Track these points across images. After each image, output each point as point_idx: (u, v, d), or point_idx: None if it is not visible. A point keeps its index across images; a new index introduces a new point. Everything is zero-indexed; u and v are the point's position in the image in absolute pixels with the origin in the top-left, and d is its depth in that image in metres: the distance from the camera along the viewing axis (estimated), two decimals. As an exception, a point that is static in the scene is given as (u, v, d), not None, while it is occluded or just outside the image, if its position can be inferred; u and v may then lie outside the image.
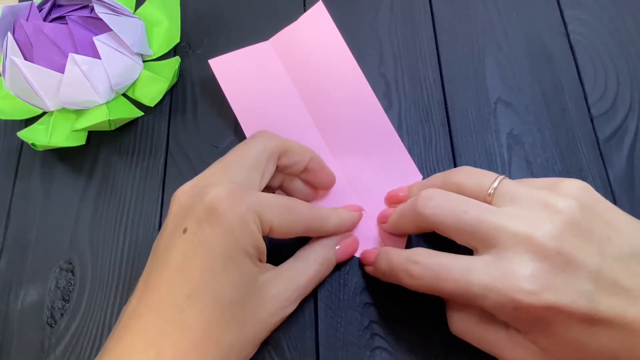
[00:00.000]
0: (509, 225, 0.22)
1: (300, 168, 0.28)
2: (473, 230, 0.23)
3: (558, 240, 0.21)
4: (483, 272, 0.22)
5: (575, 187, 0.23)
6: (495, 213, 0.23)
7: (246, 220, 0.23)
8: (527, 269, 0.21)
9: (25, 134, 0.34)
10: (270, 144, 0.26)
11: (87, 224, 0.32)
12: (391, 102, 0.34)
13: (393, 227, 0.29)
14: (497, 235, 0.22)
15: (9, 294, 0.31)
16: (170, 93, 0.36)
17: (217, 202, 0.23)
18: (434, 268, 0.23)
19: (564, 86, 0.34)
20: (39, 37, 0.31)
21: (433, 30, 0.36)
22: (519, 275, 0.21)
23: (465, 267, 0.22)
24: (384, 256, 0.27)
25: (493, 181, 0.24)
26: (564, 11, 0.36)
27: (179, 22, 0.37)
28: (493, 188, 0.24)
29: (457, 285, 0.22)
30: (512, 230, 0.22)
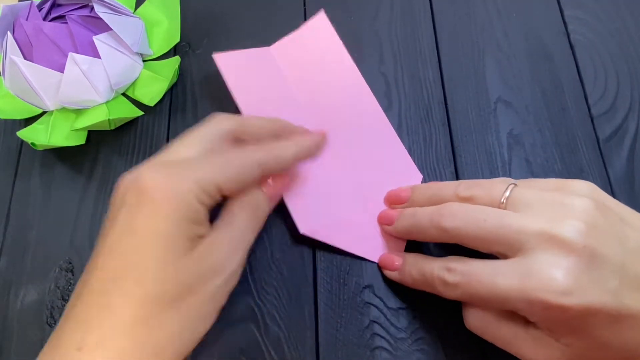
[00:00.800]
0: (530, 225, 0.22)
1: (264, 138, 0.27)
2: (496, 237, 0.23)
3: (582, 236, 0.21)
4: (510, 274, 0.22)
5: (584, 187, 0.23)
6: (514, 217, 0.23)
7: (177, 196, 0.22)
8: (554, 268, 0.21)
9: (25, 133, 0.34)
10: (224, 126, 0.26)
11: (87, 224, 0.32)
12: (391, 102, 0.34)
13: (403, 233, 0.29)
14: (520, 237, 0.22)
15: (9, 293, 0.31)
16: (170, 93, 0.36)
17: (146, 184, 0.23)
18: (466, 275, 0.23)
19: (564, 86, 0.34)
20: (39, 37, 0.31)
21: (433, 30, 0.36)
22: (547, 274, 0.21)
23: (493, 271, 0.22)
24: (413, 264, 0.27)
25: (505, 190, 0.24)
26: (564, 11, 0.36)
27: (179, 21, 0.37)
28: (505, 197, 0.24)
29: (486, 290, 0.22)
30: (535, 230, 0.22)
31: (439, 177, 0.32)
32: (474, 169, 0.32)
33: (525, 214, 0.23)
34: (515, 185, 0.24)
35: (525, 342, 0.23)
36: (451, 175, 0.32)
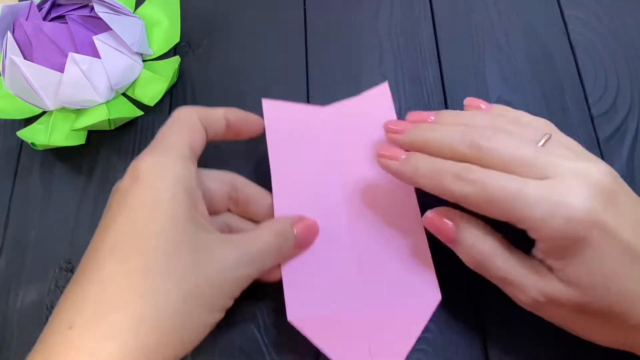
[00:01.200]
0: (564, 161, 0.23)
1: (222, 127, 0.28)
2: (529, 163, 0.23)
3: (614, 184, 0.22)
4: (540, 186, 0.22)
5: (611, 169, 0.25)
6: (550, 152, 0.23)
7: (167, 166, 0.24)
8: (584, 189, 0.21)
9: (25, 133, 0.34)
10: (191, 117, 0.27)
11: (86, 224, 0.32)
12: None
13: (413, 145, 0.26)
14: (555, 168, 0.22)
15: (9, 293, 0.31)
16: (170, 93, 0.36)
17: (138, 166, 0.24)
18: (487, 176, 0.23)
19: (564, 86, 0.34)
20: (39, 37, 0.31)
21: (433, 30, 0.36)
22: (576, 191, 0.21)
23: (521, 181, 0.22)
24: (421, 157, 0.25)
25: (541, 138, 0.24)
26: (564, 11, 0.36)
27: (179, 21, 0.37)
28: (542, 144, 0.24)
29: (510, 193, 0.22)
30: (568, 166, 0.22)
31: (439, 177, 0.32)
32: (474, 169, 0.32)
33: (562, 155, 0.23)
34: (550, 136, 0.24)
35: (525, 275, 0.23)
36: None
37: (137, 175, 0.23)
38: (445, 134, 0.25)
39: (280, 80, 0.36)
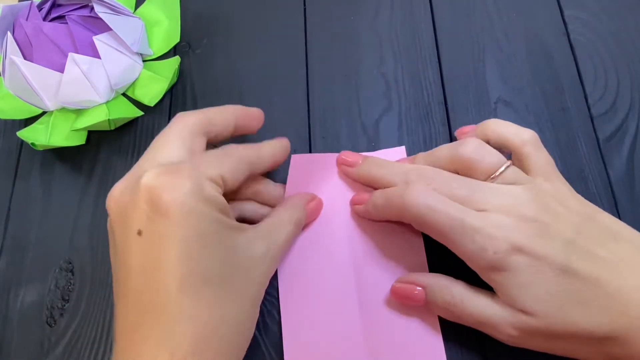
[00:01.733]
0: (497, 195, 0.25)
1: (229, 131, 0.28)
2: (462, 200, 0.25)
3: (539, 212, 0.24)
4: (477, 218, 0.24)
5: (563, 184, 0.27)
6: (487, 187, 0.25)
7: (195, 194, 0.22)
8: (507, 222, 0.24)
9: (25, 133, 0.34)
10: (190, 120, 0.26)
11: (87, 224, 0.32)
12: (391, 102, 0.34)
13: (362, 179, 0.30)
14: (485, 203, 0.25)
15: (9, 294, 0.31)
16: (170, 93, 0.36)
17: (155, 191, 0.22)
18: (433, 198, 0.25)
19: (564, 86, 0.34)
20: (39, 37, 0.31)
21: (433, 30, 0.36)
22: (499, 225, 0.24)
23: (462, 210, 0.24)
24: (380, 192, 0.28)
25: (496, 169, 0.26)
26: (564, 11, 0.36)
27: (179, 22, 0.37)
28: (495, 176, 0.26)
29: (452, 221, 0.24)
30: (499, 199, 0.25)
31: (439, 177, 0.32)
32: (474, 169, 0.32)
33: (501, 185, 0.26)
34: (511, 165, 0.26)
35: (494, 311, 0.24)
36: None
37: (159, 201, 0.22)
38: (392, 174, 0.28)
39: (280, 80, 0.36)
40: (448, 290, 0.26)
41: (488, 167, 0.26)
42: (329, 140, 0.33)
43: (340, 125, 0.34)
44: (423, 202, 0.25)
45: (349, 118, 0.34)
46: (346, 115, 0.34)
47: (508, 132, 0.27)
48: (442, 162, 0.27)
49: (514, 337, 0.24)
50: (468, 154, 0.26)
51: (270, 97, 0.35)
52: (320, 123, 0.34)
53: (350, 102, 0.34)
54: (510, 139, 0.27)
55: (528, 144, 0.27)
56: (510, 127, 0.27)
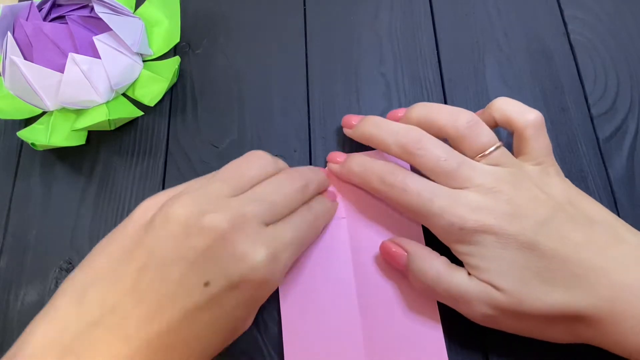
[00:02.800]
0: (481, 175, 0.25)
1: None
2: (447, 174, 0.26)
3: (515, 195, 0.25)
4: (446, 197, 0.25)
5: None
6: (473, 165, 0.26)
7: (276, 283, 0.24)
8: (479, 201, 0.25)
9: (25, 133, 0.34)
10: (269, 167, 0.26)
11: (87, 224, 0.32)
12: (391, 102, 0.34)
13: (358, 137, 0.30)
14: (467, 180, 0.25)
15: (9, 294, 0.31)
16: (170, 93, 0.36)
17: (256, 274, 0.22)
18: (407, 183, 0.26)
19: (564, 86, 0.34)
20: (39, 37, 0.31)
21: (433, 30, 0.36)
22: (470, 203, 0.25)
23: (432, 191, 0.26)
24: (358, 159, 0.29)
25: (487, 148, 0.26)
26: (564, 11, 0.36)
27: (179, 22, 0.37)
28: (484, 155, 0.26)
29: (421, 202, 0.25)
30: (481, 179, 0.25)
31: (439, 177, 0.32)
32: (474, 169, 0.32)
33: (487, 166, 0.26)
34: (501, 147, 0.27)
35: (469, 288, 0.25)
36: (451, 175, 0.32)
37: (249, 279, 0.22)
38: (385, 134, 0.28)
39: (280, 81, 0.36)
40: (428, 261, 0.26)
41: (479, 145, 0.26)
42: (329, 140, 0.33)
43: (340, 125, 0.34)
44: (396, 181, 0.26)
45: (349, 118, 0.34)
46: (346, 115, 0.34)
47: (513, 111, 0.27)
48: (435, 127, 0.27)
49: (487, 315, 0.24)
50: (463, 129, 0.26)
51: (270, 97, 0.35)
52: (320, 123, 0.34)
53: (350, 102, 0.34)
54: (514, 118, 0.27)
55: (530, 127, 0.27)
56: (515, 106, 0.28)
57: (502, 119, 0.28)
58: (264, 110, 0.35)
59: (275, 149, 0.33)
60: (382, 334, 0.28)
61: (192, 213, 0.22)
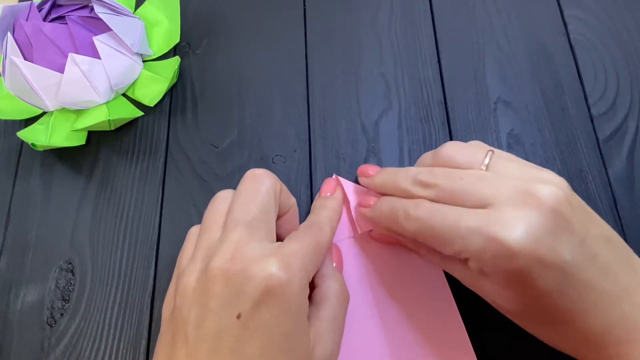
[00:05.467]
0: (507, 185, 0.23)
1: (283, 212, 0.28)
2: (470, 193, 0.23)
3: (557, 200, 0.22)
4: (473, 218, 0.22)
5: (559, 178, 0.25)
6: (492, 177, 0.24)
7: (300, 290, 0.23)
8: (520, 221, 0.21)
9: (25, 134, 0.34)
10: (276, 185, 0.26)
11: (87, 224, 0.32)
12: (391, 102, 0.34)
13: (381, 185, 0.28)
14: (495, 195, 0.23)
15: (9, 294, 0.31)
16: (170, 93, 0.36)
17: (272, 281, 0.22)
18: (431, 211, 0.24)
19: (564, 86, 0.34)
20: (39, 37, 0.31)
21: (433, 30, 0.36)
22: (510, 223, 0.21)
23: (458, 213, 0.23)
24: (386, 200, 0.27)
25: (484, 156, 0.25)
26: (564, 11, 0.36)
27: (179, 22, 0.37)
28: (485, 164, 0.24)
29: (447, 226, 0.23)
30: (510, 189, 0.22)
31: (439, 177, 0.32)
32: (474, 169, 0.32)
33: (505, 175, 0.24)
34: (495, 152, 0.25)
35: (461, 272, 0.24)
36: (451, 175, 0.32)
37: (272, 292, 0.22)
38: (400, 178, 0.27)
39: (280, 80, 0.36)
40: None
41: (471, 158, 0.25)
42: (329, 140, 0.33)
43: (340, 125, 0.34)
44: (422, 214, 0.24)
45: (349, 118, 0.34)
46: (346, 115, 0.34)
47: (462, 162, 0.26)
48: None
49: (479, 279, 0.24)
50: (448, 154, 0.26)
51: (270, 97, 0.35)
52: (320, 123, 0.34)
53: (350, 102, 0.34)
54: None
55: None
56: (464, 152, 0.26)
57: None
58: (264, 110, 0.35)
59: (275, 149, 0.33)
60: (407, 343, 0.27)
61: (198, 272, 0.23)
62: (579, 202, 0.23)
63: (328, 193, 0.30)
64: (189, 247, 0.26)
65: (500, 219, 0.22)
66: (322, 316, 0.24)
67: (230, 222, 0.24)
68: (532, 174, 0.24)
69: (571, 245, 0.22)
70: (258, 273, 0.22)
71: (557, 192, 0.22)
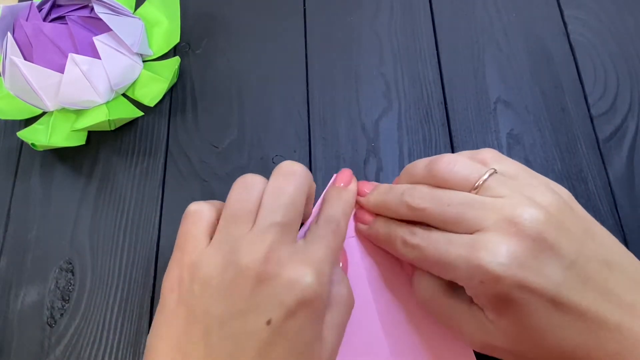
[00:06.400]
0: (493, 212, 0.23)
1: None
2: (456, 220, 0.23)
3: (539, 224, 0.22)
4: (462, 244, 0.22)
5: (564, 190, 0.24)
6: (479, 203, 0.23)
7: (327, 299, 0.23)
8: (502, 244, 0.21)
9: (25, 134, 0.34)
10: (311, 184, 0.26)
11: (87, 224, 0.32)
12: (391, 102, 0.34)
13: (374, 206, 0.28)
14: (480, 221, 0.23)
15: (9, 294, 0.31)
16: (170, 93, 0.36)
17: (308, 293, 0.22)
18: (425, 239, 0.24)
19: (564, 86, 0.34)
20: (39, 37, 0.31)
21: (433, 30, 0.36)
22: (493, 249, 0.21)
23: (449, 240, 0.23)
24: (383, 223, 0.27)
25: (478, 178, 0.24)
26: (564, 11, 0.36)
27: (179, 22, 0.37)
28: (479, 185, 0.24)
29: (438, 254, 0.23)
30: (496, 216, 0.22)
31: (439, 178, 0.32)
32: (474, 169, 0.32)
33: (492, 200, 0.23)
34: (492, 174, 0.24)
35: (465, 319, 0.24)
36: (451, 175, 0.32)
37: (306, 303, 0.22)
38: (390, 199, 0.27)
39: (280, 81, 0.36)
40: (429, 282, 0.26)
41: (463, 181, 0.24)
42: (329, 140, 0.33)
43: (340, 125, 0.34)
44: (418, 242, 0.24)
45: (349, 118, 0.34)
46: (346, 115, 0.34)
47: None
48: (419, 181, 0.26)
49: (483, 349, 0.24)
50: (442, 172, 0.25)
51: (270, 97, 0.35)
52: (320, 123, 0.34)
53: (350, 102, 0.35)
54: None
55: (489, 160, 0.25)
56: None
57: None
58: (264, 110, 0.35)
59: (275, 149, 0.33)
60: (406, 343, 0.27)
61: (223, 264, 0.22)
62: (574, 221, 0.23)
63: (342, 184, 0.29)
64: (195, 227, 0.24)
65: (484, 245, 0.22)
66: (327, 321, 0.24)
67: (264, 218, 0.24)
68: (523, 194, 0.23)
69: (558, 269, 0.21)
70: (296, 282, 0.22)
71: (540, 216, 0.22)
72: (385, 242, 0.27)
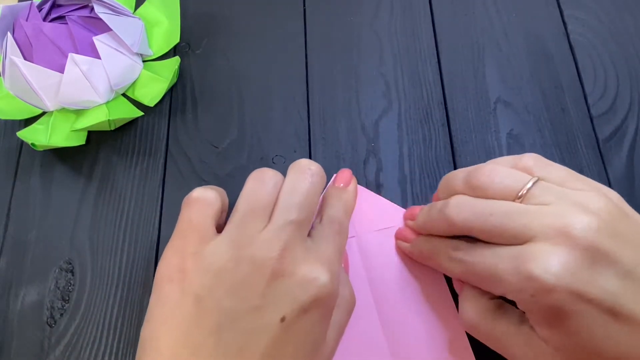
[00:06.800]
0: (540, 220, 0.21)
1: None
2: (501, 230, 0.22)
3: (592, 232, 0.21)
4: (509, 256, 0.21)
5: (614, 192, 0.23)
6: (523, 212, 0.22)
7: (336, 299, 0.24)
8: (552, 254, 0.20)
9: (25, 134, 0.34)
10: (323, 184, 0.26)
11: (87, 224, 0.32)
12: (391, 102, 0.34)
13: (420, 227, 0.28)
14: (527, 230, 0.22)
15: (9, 294, 0.31)
16: (170, 93, 0.36)
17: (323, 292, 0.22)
18: (470, 254, 0.23)
19: (563, 86, 0.34)
20: (39, 37, 0.31)
21: (433, 30, 0.36)
22: (543, 260, 0.20)
23: (495, 252, 0.22)
24: (425, 239, 0.27)
25: (522, 188, 0.23)
26: (564, 11, 0.36)
27: (179, 22, 0.37)
28: (523, 194, 0.23)
29: (486, 267, 0.22)
30: (544, 225, 0.21)
31: (439, 178, 0.32)
32: (474, 169, 0.32)
33: (538, 208, 0.22)
34: (537, 181, 0.23)
35: (516, 340, 0.23)
36: (451, 175, 0.32)
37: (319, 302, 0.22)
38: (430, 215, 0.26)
39: (280, 81, 0.36)
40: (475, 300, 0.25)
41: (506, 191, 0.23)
42: (329, 140, 0.34)
43: (340, 125, 0.34)
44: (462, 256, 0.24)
45: (349, 118, 0.34)
46: (346, 115, 0.34)
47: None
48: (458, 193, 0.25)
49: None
50: (482, 183, 0.24)
51: (270, 97, 0.35)
52: (320, 123, 0.34)
53: (350, 102, 0.35)
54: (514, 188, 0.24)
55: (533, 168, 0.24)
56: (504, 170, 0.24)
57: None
58: (264, 110, 0.35)
59: (275, 150, 0.33)
60: (406, 343, 0.27)
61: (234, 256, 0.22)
62: (628, 227, 0.22)
63: (342, 184, 0.29)
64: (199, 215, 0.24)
65: (533, 256, 0.21)
66: (331, 321, 0.24)
67: (280, 215, 0.23)
68: (571, 201, 0.22)
69: (614, 278, 0.20)
70: (312, 280, 0.22)
71: (593, 224, 0.21)
72: (430, 259, 0.27)
